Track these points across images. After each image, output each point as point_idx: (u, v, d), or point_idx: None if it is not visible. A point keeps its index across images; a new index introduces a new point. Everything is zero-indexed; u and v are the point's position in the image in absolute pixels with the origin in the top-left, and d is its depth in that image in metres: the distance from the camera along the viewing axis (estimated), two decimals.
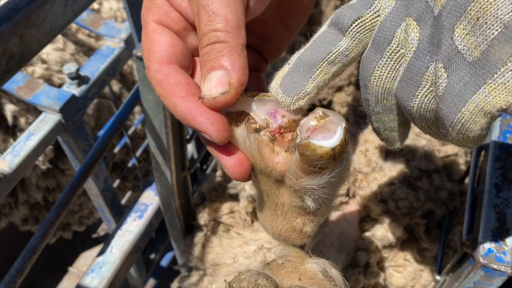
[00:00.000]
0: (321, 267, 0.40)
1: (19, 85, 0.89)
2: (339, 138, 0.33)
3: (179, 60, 0.38)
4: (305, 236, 0.40)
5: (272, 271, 0.40)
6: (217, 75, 0.34)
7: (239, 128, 0.37)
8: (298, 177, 0.35)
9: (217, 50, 0.34)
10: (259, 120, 0.36)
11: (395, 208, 0.72)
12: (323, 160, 0.33)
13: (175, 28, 0.38)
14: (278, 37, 0.45)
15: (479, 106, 0.30)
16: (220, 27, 0.34)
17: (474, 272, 0.57)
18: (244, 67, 0.35)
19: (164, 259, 1.50)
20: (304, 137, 0.33)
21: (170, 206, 0.85)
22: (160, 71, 0.36)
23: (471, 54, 0.30)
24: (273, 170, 0.36)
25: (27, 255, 0.68)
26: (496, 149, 0.65)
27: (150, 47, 0.37)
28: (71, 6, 0.61)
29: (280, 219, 0.40)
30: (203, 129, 0.35)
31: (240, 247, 0.82)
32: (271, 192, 0.39)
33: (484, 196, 0.61)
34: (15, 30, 0.54)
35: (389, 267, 0.74)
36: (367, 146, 0.75)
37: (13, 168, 0.79)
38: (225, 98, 0.34)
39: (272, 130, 0.36)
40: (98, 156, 0.81)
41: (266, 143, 0.36)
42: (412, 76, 0.33)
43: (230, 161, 0.37)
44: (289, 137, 0.36)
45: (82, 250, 1.93)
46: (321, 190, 0.35)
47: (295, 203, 0.37)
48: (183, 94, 0.35)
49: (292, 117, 0.37)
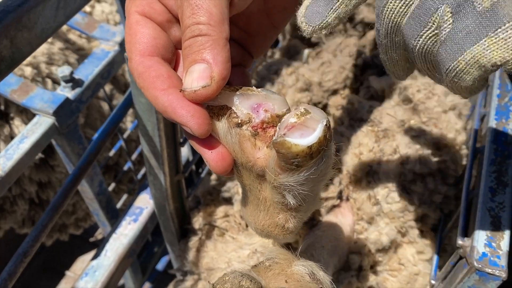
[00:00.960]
0: (308, 270, 0.40)
1: (13, 88, 0.89)
2: (317, 136, 0.33)
3: (161, 52, 0.37)
4: (287, 232, 0.40)
5: (259, 273, 0.40)
6: (199, 68, 0.34)
7: (220, 122, 0.36)
8: (277, 174, 0.35)
9: (200, 43, 0.34)
10: (241, 114, 0.36)
11: (389, 211, 0.72)
12: (299, 158, 0.33)
13: (159, 20, 0.38)
14: (263, 32, 0.45)
15: (475, 57, 0.30)
16: (203, 20, 0.34)
17: (468, 276, 0.56)
18: (227, 60, 0.35)
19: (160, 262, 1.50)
20: (280, 135, 0.33)
21: (164, 209, 0.85)
22: (142, 63, 0.36)
23: (482, 3, 0.29)
24: (255, 165, 0.36)
25: (18, 259, 0.67)
26: (491, 153, 0.65)
27: (133, 39, 0.37)
28: (63, 8, 0.61)
29: (262, 214, 0.40)
30: (183, 122, 0.35)
31: (235, 252, 0.82)
32: (253, 187, 0.39)
33: (479, 200, 0.61)
34: (5, 32, 0.53)
35: (384, 271, 0.74)
36: (361, 149, 0.75)
37: (6, 171, 0.79)
38: (206, 91, 0.34)
39: (255, 125, 0.36)
40: (91, 159, 0.81)
41: (247, 137, 0.36)
42: (421, 15, 0.33)
43: (212, 155, 0.37)
44: (271, 133, 0.36)
45: (79, 254, 1.92)
46: (300, 187, 0.35)
47: (276, 199, 0.37)
48: (165, 87, 0.35)
49: (276, 112, 0.36)
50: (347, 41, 0.96)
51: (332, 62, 0.90)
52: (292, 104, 0.86)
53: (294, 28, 1.15)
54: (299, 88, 0.87)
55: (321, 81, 0.89)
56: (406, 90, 0.81)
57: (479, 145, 0.69)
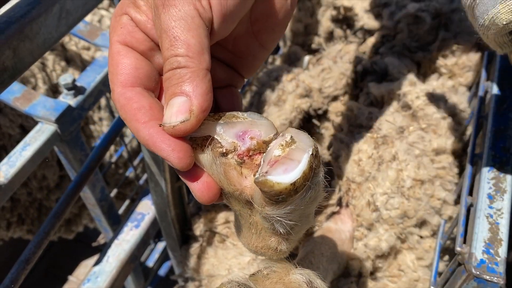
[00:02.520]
0: (305, 278, 0.40)
1: (16, 96, 0.90)
2: (302, 170, 0.32)
3: (144, 82, 0.37)
4: (281, 253, 0.39)
5: (257, 282, 0.40)
6: (178, 102, 0.34)
7: (205, 153, 0.36)
8: (263, 206, 0.34)
9: (178, 76, 0.34)
10: (225, 144, 0.36)
11: (388, 217, 0.72)
12: (283, 195, 0.32)
13: (140, 48, 0.37)
14: (252, 53, 0.44)
15: (493, 18, 0.42)
16: (181, 52, 0.33)
17: (467, 283, 0.56)
18: (207, 92, 0.34)
19: (162, 268, 1.50)
20: (262, 173, 0.32)
21: (166, 215, 0.85)
22: (123, 95, 0.36)
23: None
24: (242, 193, 0.35)
25: (21, 266, 0.68)
26: (489, 160, 0.65)
27: (114, 70, 0.37)
28: (65, 19, 0.62)
29: (255, 237, 0.39)
30: (164, 156, 0.34)
31: (235, 258, 0.82)
32: (244, 212, 0.38)
33: (477, 207, 0.61)
34: (8, 43, 0.54)
35: (384, 277, 0.74)
36: (360, 156, 0.75)
37: (8, 179, 0.80)
38: (185, 126, 0.34)
39: (240, 153, 0.35)
40: (93, 166, 0.82)
41: (233, 166, 0.35)
42: None
43: (197, 186, 0.36)
44: (258, 160, 0.35)
45: (82, 259, 1.93)
46: (288, 217, 0.34)
47: (266, 226, 0.37)
48: (146, 119, 0.35)
49: (262, 138, 0.36)
50: (347, 47, 0.97)
51: (332, 69, 0.91)
52: (291, 110, 0.86)
53: (294, 34, 1.16)
54: (299, 94, 0.88)
55: (321, 87, 0.89)
56: (405, 97, 0.82)
57: (477, 152, 0.69)
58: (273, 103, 0.89)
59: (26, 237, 1.30)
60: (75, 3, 0.63)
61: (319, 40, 1.09)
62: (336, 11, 1.07)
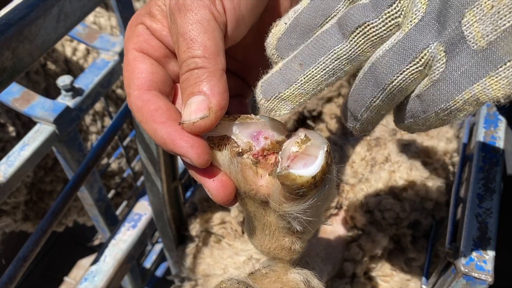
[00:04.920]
0: (303, 277, 0.41)
1: (15, 97, 0.91)
2: (320, 164, 0.33)
3: (159, 86, 0.38)
4: (294, 253, 0.40)
5: (256, 281, 0.41)
6: (196, 100, 0.35)
7: (222, 153, 0.36)
8: (281, 203, 0.35)
9: (196, 76, 0.35)
10: (241, 143, 0.36)
11: (381, 218, 0.73)
12: (304, 188, 0.33)
13: (156, 55, 0.39)
14: (260, 63, 0.44)
15: (475, 96, 0.29)
16: (198, 53, 0.35)
17: (456, 281, 0.57)
18: (224, 91, 0.35)
19: (159, 269, 1.51)
20: (284, 167, 0.33)
21: (162, 215, 0.86)
22: (140, 97, 0.37)
23: (476, 42, 0.29)
24: (258, 193, 0.36)
25: (18, 263, 0.69)
26: (479, 160, 0.67)
27: (131, 74, 0.38)
28: (63, 21, 0.63)
29: (268, 238, 0.40)
30: (183, 152, 0.35)
31: (231, 258, 0.83)
32: (258, 213, 0.39)
33: (466, 206, 0.62)
34: (7, 44, 0.55)
35: (376, 277, 0.75)
36: (353, 158, 0.76)
37: (7, 178, 0.81)
38: (204, 122, 0.34)
39: (255, 153, 0.36)
40: (90, 166, 0.83)
41: (249, 166, 0.36)
42: (406, 49, 0.31)
43: (213, 184, 0.37)
44: (272, 160, 0.36)
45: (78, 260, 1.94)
46: (305, 214, 0.35)
47: (281, 225, 0.37)
48: (163, 119, 0.36)
49: (275, 139, 0.37)
50: None
51: None
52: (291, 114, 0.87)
53: None
54: None
55: None
56: None
57: (468, 153, 0.71)
58: None
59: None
60: (73, 5, 0.65)
61: None
62: None
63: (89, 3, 0.68)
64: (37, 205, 1.26)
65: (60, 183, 1.25)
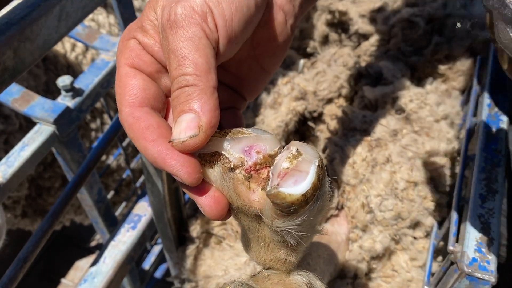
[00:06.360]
0: (305, 279, 0.41)
1: (15, 97, 0.90)
2: (311, 181, 0.32)
3: (151, 102, 0.38)
4: (290, 264, 0.40)
5: (258, 283, 0.41)
6: (186, 118, 0.34)
7: (213, 169, 0.36)
8: (273, 219, 0.34)
9: (187, 94, 0.35)
10: (233, 159, 0.36)
11: (383, 219, 0.73)
12: (295, 206, 0.32)
13: (148, 70, 0.38)
14: (254, 76, 0.45)
15: None
16: (189, 71, 0.34)
17: (459, 281, 0.57)
18: (214, 109, 0.35)
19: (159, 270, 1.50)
20: (273, 185, 0.33)
21: (162, 216, 0.86)
22: (131, 114, 0.36)
23: None
24: (251, 208, 0.36)
25: (18, 264, 0.68)
26: (481, 161, 0.67)
27: (122, 91, 0.37)
28: (65, 20, 0.63)
29: (263, 250, 0.39)
30: (173, 172, 0.35)
31: (231, 259, 0.83)
32: (252, 226, 0.39)
33: (469, 206, 0.62)
34: (9, 43, 0.55)
35: (378, 278, 0.75)
36: (354, 159, 0.76)
37: (7, 178, 0.80)
38: (194, 141, 0.34)
39: (248, 167, 0.36)
40: (91, 167, 0.82)
41: (241, 181, 0.36)
42: None
43: (205, 200, 0.37)
44: (265, 174, 0.36)
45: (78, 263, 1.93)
46: (298, 229, 0.35)
47: (276, 239, 0.37)
48: (154, 137, 0.35)
49: (268, 152, 0.36)
50: (341, 51, 0.98)
51: (326, 72, 0.92)
52: (287, 112, 0.87)
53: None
54: (295, 97, 0.89)
55: (315, 90, 0.90)
56: (399, 100, 0.83)
57: (470, 154, 0.71)
58: (269, 106, 0.90)
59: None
60: (74, 5, 0.64)
61: (314, 44, 1.11)
62: (331, 15, 1.08)
63: (90, 3, 0.67)
64: (36, 202, 1.26)
65: (59, 179, 1.25)
